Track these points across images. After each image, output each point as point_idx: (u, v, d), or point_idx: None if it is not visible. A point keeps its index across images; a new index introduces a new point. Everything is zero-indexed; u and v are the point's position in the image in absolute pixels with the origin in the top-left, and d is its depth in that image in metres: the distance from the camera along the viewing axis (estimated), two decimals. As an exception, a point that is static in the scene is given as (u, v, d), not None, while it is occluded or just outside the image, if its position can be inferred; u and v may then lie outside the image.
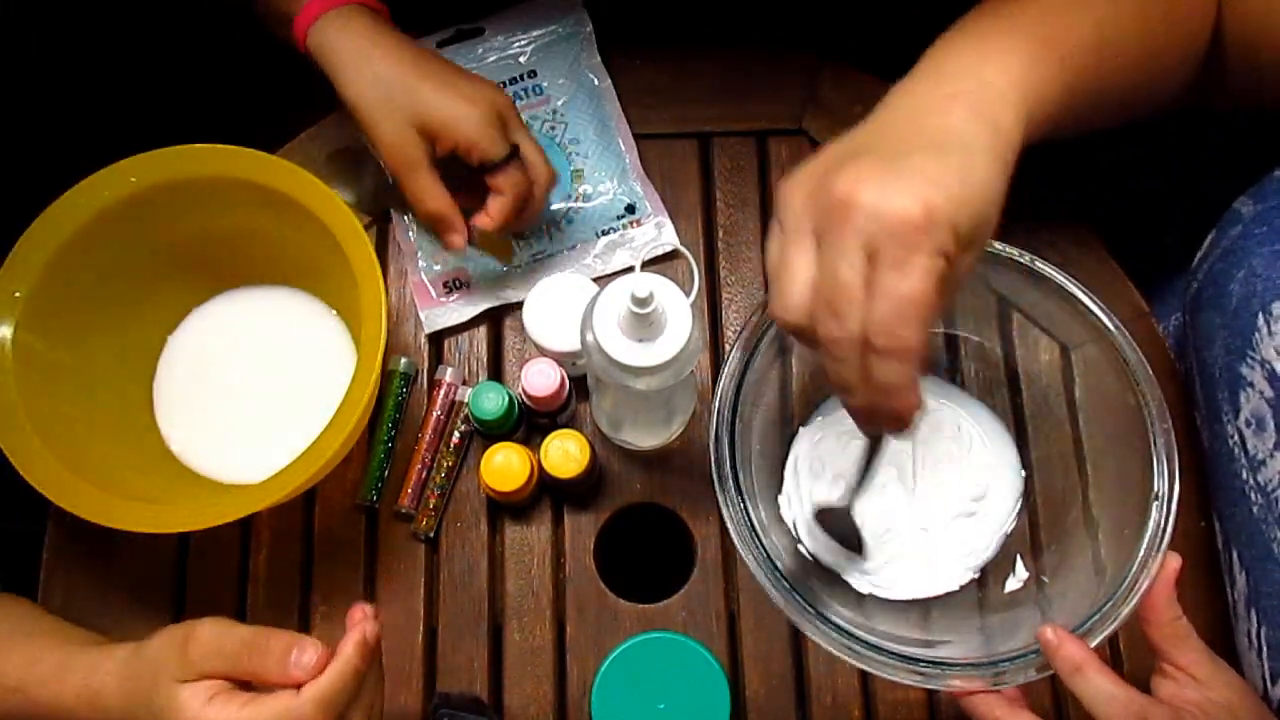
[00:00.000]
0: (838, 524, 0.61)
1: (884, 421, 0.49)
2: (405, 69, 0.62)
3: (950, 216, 0.45)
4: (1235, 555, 0.60)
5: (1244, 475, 0.59)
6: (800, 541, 0.65)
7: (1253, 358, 0.57)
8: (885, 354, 0.45)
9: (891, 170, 0.45)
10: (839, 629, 0.54)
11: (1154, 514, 0.55)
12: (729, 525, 0.56)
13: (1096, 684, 0.50)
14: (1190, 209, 0.67)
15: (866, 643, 0.54)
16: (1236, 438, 0.59)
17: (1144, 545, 0.55)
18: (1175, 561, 0.54)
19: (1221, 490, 0.62)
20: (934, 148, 0.47)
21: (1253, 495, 0.58)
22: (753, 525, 0.56)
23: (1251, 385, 0.58)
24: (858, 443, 0.60)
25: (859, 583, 0.64)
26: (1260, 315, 0.57)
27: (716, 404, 0.58)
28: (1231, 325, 0.59)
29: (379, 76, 0.62)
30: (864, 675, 0.66)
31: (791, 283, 0.47)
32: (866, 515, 0.66)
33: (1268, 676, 0.57)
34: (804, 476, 0.66)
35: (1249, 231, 0.59)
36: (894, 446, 0.66)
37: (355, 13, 0.63)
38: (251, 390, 0.70)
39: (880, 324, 0.44)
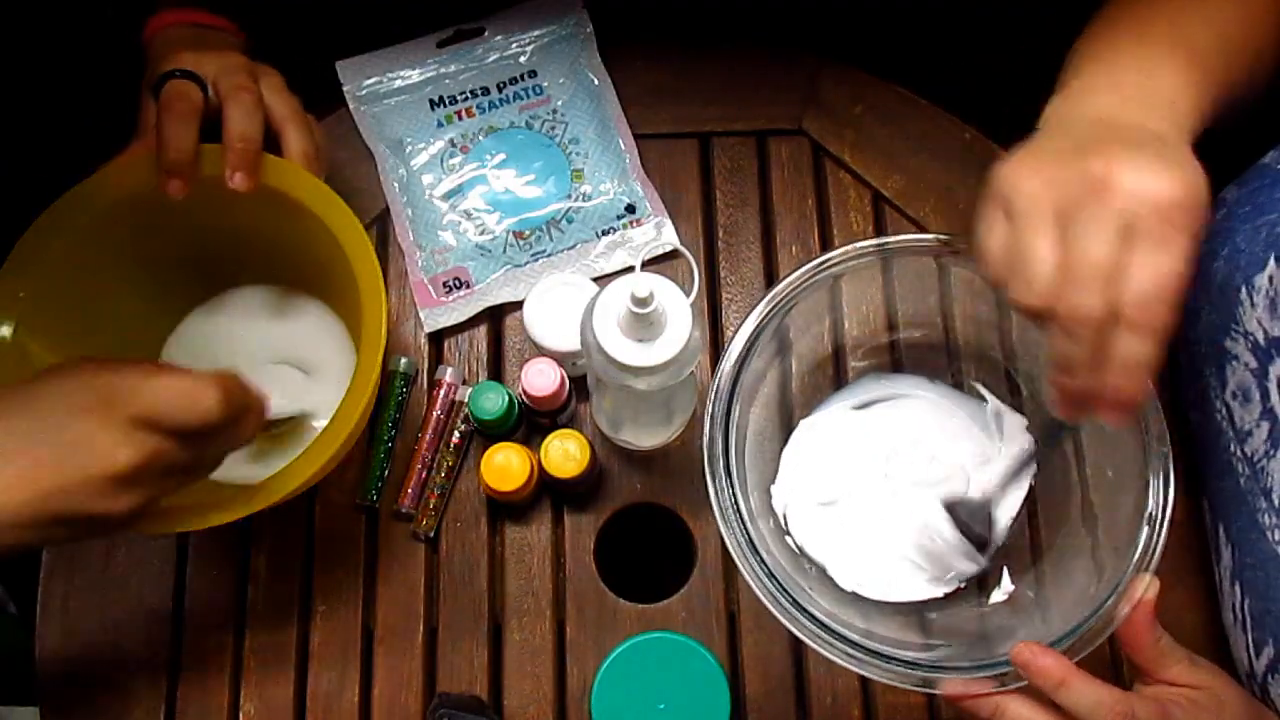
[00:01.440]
0: (969, 516, 0.63)
1: (1102, 407, 0.48)
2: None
3: (1202, 200, 0.46)
4: (1221, 531, 0.61)
5: (1231, 448, 0.59)
6: (788, 533, 0.65)
7: (1236, 330, 0.58)
8: (1136, 329, 0.45)
9: (1145, 154, 0.46)
10: (819, 623, 0.54)
11: (1145, 532, 0.55)
12: (715, 510, 0.56)
13: (1081, 692, 0.50)
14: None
15: (843, 636, 0.54)
16: (1224, 412, 0.60)
17: (1135, 557, 0.54)
18: (1153, 590, 0.53)
19: (1210, 467, 0.62)
20: (1156, 142, 0.48)
21: (1240, 467, 0.59)
22: (740, 511, 0.56)
23: (1236, 358, 0.58)
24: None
25: (845, 580, 0.64)
26: (1243, 289, 0.58)
27: (716, 384, 0.58)
28: (1216, 301, 0.60)
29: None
30: (864, 676, 0.66)
31: (1038, 264, 0.46)
32: (856, 514, 0.66)
33: (1251, 648, 0.58)
34: (822, 465, 0.67)
35: (1233, 212, 0.60)
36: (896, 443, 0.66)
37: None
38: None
39: (1137, 298, 0.44)
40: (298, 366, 0.70)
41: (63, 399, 0.48)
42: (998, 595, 0.63)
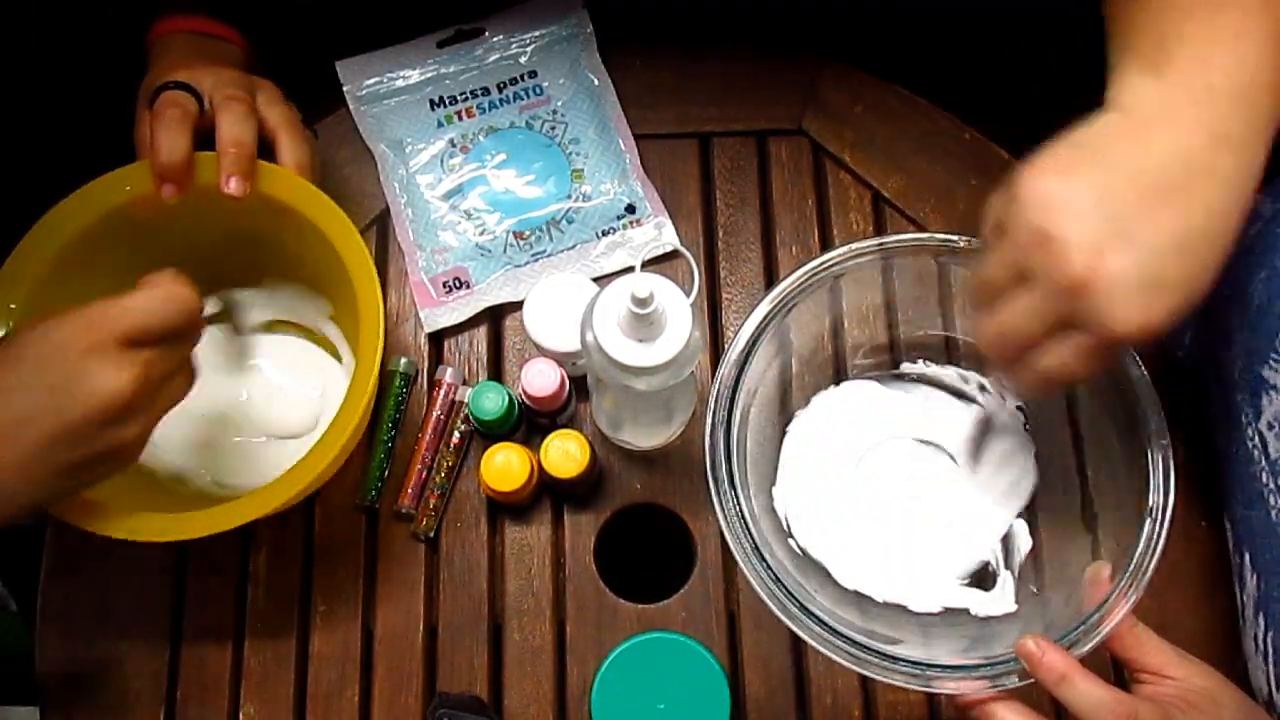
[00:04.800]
0: (979, 432, 0.67)
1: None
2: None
3: (1161, 328, 0.47)
4: (1247, 558, 0.60)
5: (1263, 479, 0.58)
6: (791, 535, 0.65)
7: (1275, 361, 0.57)
8: (1051, 383, 0.50)
9: (1130, 275, 0.46)
10: (823, 624, 0.54)
11: (1147, 526, 0.55)
12: (719, 515, 0.56)
13: (1083, 690, 0.49)
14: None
15: (845, 636, 0.54)
16: (1256, 440, 0.58)
17: (1138, 552, 0.54)
18: (1107, 570, 0.55)
19: (1237, 493, 0.61)
20: (1182, 234, 0.46)
21: (1271, 499, 0.57)
22: (743, 514, 0.56)
23: (1274, 388, 0.57)
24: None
25: (846, 580, 0.64)
26: None
27: (716, 385, 0.58)
28: (1253, 327, 0.58)
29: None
30: (864, 675, 0.66)
31: (993, 317, 0.51)
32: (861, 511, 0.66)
33: (1272, 681, 0.56)
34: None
35: (1270, 230, 0.58)
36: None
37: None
38: (250, 393, 0.70)
39: (1054, 369, 0.49)
40: (295, 370, 0.70)
41: (45, 344, 0.48)
42: (999, 594, 0.63)
